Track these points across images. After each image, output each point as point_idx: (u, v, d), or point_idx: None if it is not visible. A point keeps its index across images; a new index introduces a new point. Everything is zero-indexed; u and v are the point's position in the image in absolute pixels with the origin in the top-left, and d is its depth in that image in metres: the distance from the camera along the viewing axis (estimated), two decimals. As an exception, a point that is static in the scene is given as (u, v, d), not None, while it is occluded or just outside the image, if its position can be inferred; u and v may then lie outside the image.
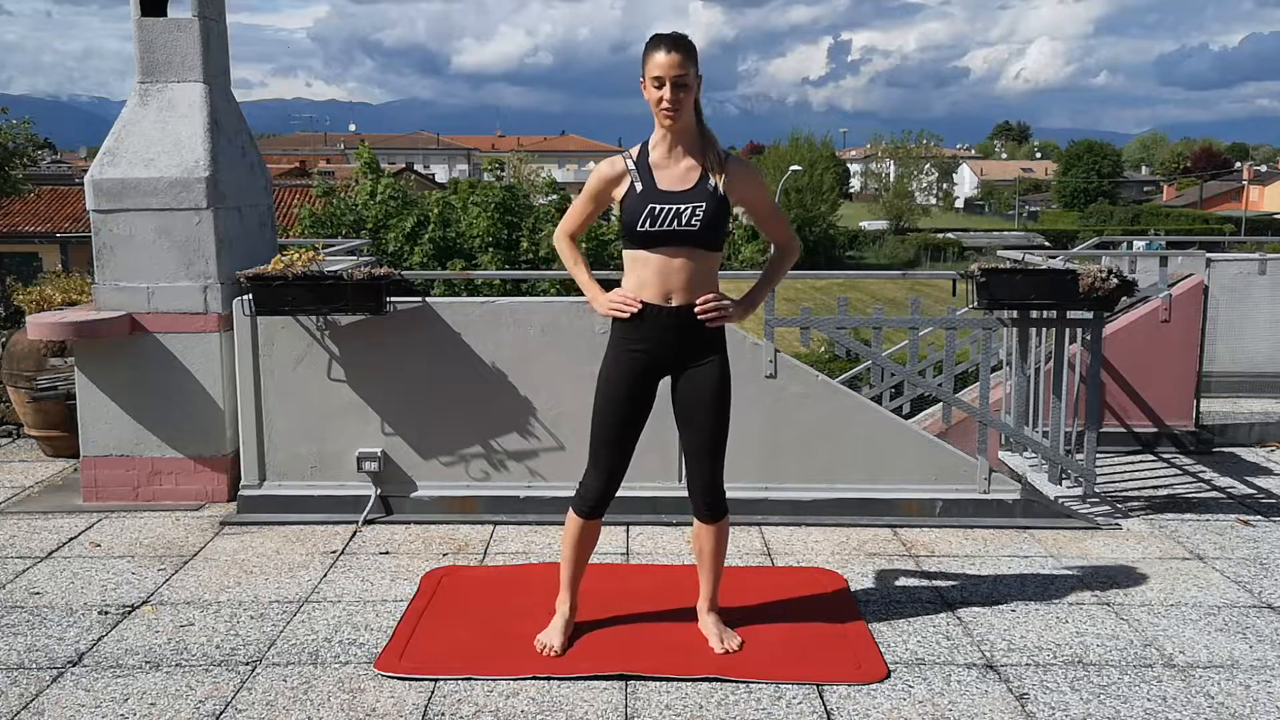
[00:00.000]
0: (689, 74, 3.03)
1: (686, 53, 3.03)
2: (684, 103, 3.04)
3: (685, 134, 3.11)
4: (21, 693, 3.02)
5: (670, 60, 3.00)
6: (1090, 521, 4.54)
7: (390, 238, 15.88)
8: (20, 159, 17.92)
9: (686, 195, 3.08)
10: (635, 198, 3.10)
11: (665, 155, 3.13)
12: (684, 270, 3.11)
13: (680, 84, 3.02)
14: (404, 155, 57.76)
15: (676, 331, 3.17)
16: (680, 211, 3.07)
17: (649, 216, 3.07)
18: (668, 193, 3.09)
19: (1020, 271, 4.62)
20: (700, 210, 3.07)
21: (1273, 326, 6.75)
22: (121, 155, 4.67)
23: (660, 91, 3.03)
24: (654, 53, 3.04)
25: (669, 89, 3.01)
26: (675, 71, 3.00)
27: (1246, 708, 2.96)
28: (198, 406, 4.71)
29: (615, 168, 3.17)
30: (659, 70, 3.02)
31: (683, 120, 3.07)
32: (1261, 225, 51.50)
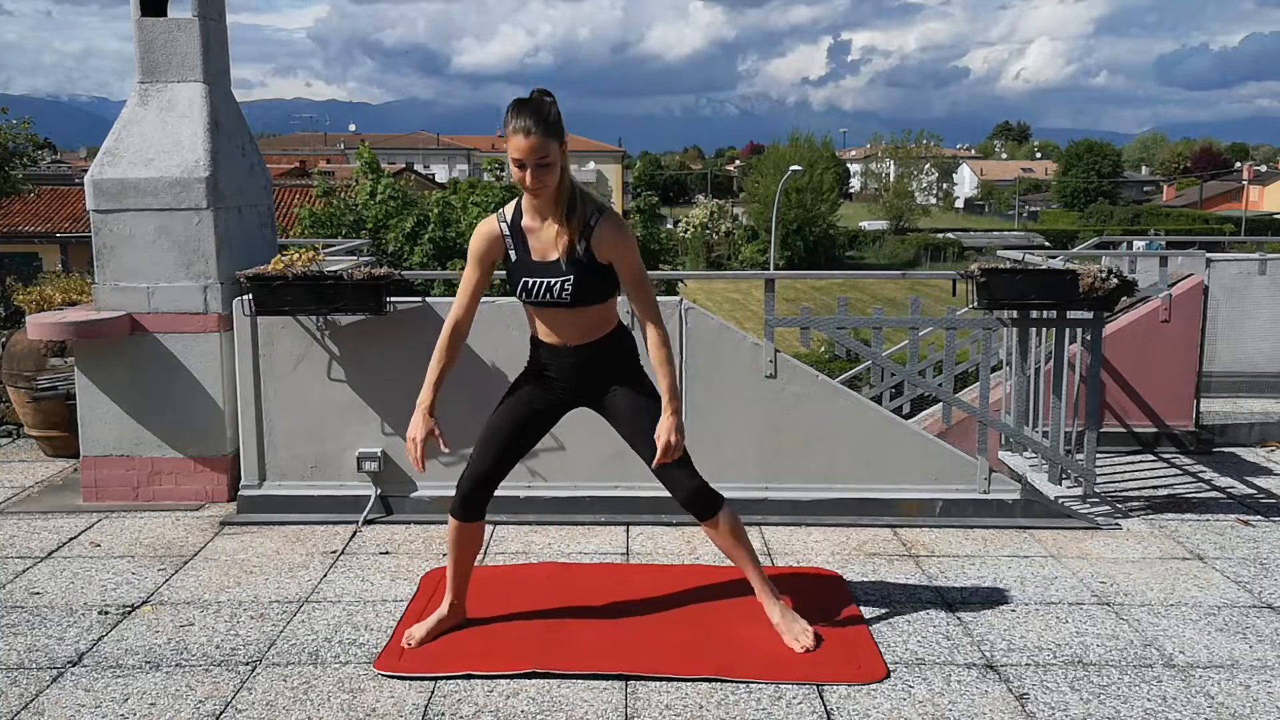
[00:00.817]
0: (550, 154, 2.99)
1: (545, 132, 2.96)
2: (547, 179, 3.02)
3: (553, 202, 3.10)
4: (21, 693, 3.02)
5: (529, 145, 2.96)
6: (1090, 521, 4.54)
7: (390, 238, 15.88)
8: (20, 159, 17.93)
9: (555, 268, 3.11)
10: (511, 266, 3.17)
11: (535, 222, 3.14)
12: (571, 323, 3.20)
13: (542, 165, 3.00)
14: (404, 155, 57.74)
15: (577, 368, 3.26)
16: (550, 285, 3.12)
17: (524, 290, 3.15)
18: (538, 265, 3.13)
19: (1020, 271, 4.62)
20: (569, 284, 3.10)
21: (1273, 326, 6.75)
22: (121, 155, 4.67)
23: (522, 173, 3.02)
24: (514, 135, 2.98)
25: (530, 172, 3.00)
26: (536, 157, 2.97)
27: (1246, 708, 2.96)
28: (198, 406, 4.72)
29: (491, 232, 3.16)
30: (519, 154, 2.99)
31: (548, 191, 3.06)
32: (1261, 225, 51.53)
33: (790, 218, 52.72)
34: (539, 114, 2.97)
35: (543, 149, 2.96)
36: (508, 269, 3.18)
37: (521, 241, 3.14)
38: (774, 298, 4.63)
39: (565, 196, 3.09)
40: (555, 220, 3.10)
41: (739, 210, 58.37)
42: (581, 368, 3.25)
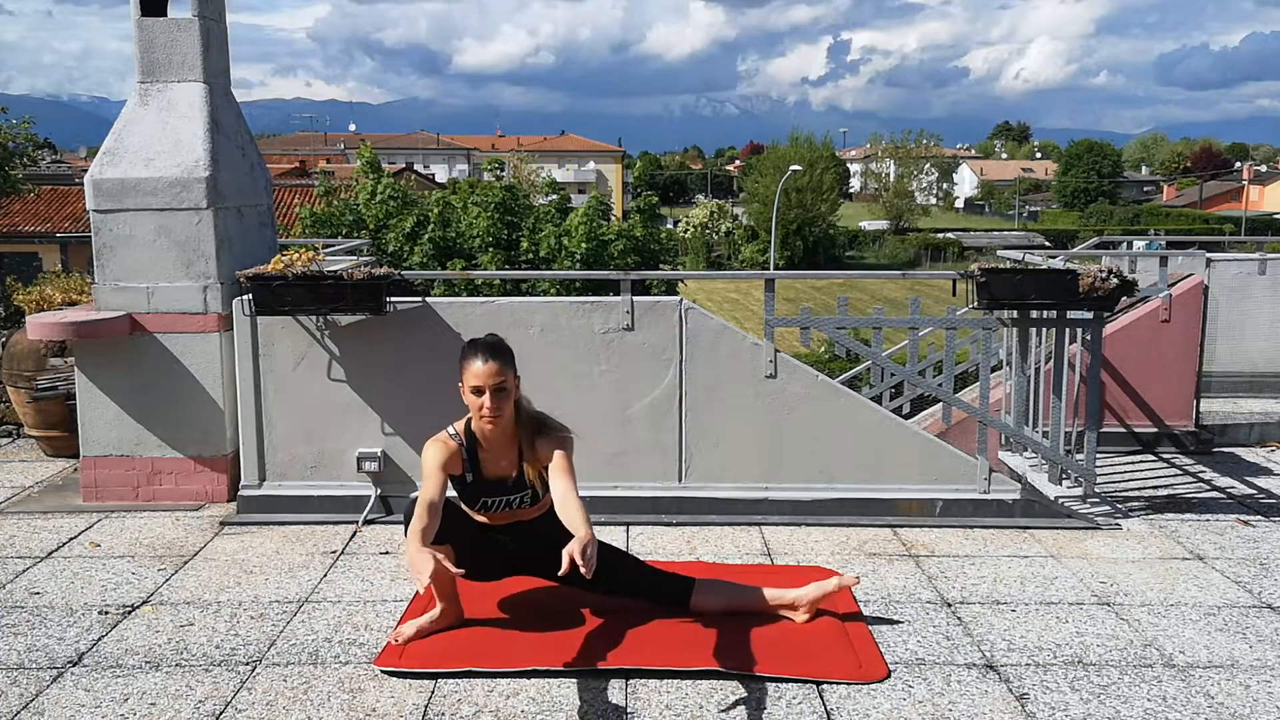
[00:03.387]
0: (507, 379, 3.17)
1: (503, 360, 3.17)
2: (504, 406, 3.18)
3: (507, 426, 3.26)
4: (21, 693, 3.02)
5: (488, 370, 3.14)
6: (1090, 521, 4.54)
7: (390, 238, 15.86)
8: (20, 159, 17.92)
9: (514, 485, 3.29)
10: (466, 486, 3.29)
11: (489, 445, 3.28)
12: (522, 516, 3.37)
13: (499, 389, 3.15)
14: (404, 155, 57.74)
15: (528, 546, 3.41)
16: (510, 500, 3.33)
17: (483, 507, 3.33)
18: (495, 483, 3.29)
19: (1020, 271, 4.62)
20: (527, 496, 3.33)
21: (1273, 326, 6.75)
22: (121, 155, 4.67)
23: (480, 399, 3.16)
24: (471, 362, 3.17)
25: (489, 396, 3.15)
26: (494, 380, 3.14)
27: (1246, 708, 2.96)
28: (198, 406, 4.72)
29: (448, 449, 3.25)
30: (477, 380, 3.15)
31: (504, 420, 3.21)
32: (1261, 225, 51.51)
33: (790, 218, 52.73)
34: (495, 346, 3.21)
35: (500, 374, 3.16)
36: (460, 488, 3.31)
37: (475, 463, 3.29)
38: (774, 298, 4.63)
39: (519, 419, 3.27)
40: (510, 443, 3.28)
41: (739, 210, 58.38)
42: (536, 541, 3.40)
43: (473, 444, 3.29)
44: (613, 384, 4.54)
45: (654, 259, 17.37)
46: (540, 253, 16.12)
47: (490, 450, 3.29)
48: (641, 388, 4.55)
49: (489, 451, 3.29)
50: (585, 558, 2.81)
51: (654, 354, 4.53)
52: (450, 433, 3.30)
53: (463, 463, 3.27)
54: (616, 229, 16.91)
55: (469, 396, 3.21)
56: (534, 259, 16.12)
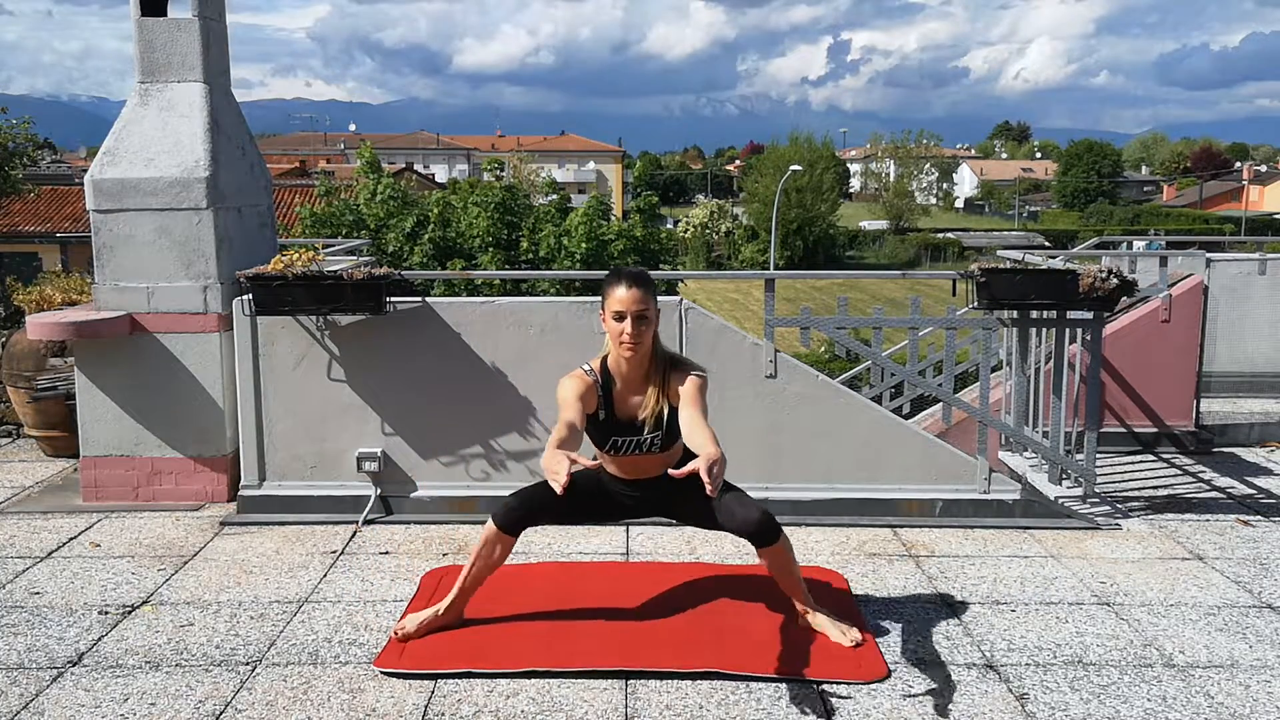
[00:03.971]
0: (649, 308, 3.16)
1: (646, 288, 3.16)
2: (644, 335, 3.16)
3: (643, 361, 3.23)
4: (21, 693, 3.02)
5: (631, 296, 3.13)
6: (1090, 521, 4.54)
7: (390, 238, 15.86)
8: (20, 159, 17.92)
9: (644, 426, 3.24)
10: (598, 425, 3.25)
11: (623, 383, 3.25)
12: (651, 463, 3.32)
13: (641, 317, 3.14)
14: (404, 155, 57.74)
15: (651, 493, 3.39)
16: (640, 441, 3.27)
17: (612, 446, 3.29)
18: (626, 424, 3.25)
19: (1020, 271, 4.62)
20: (658, 438, 3.26)
21: (1273, 326, 6.75)
22: (121, 155, 4.67)
23: (621, 325, 3.14)
24: (615, 288, 3.16)
25: (630, 322, 3.13)
26: (636, 306, 3.13)
27: (1246, 708, 2.96)
28: (198, 406, 4.72)
29: (584, 383, 3.21)
30: (620, 305, 3.14)
31: (642, 350, 3.18)
32: (1261, 225, 51.52)
33: (790, 218, 52.73)
34: (640, 275, 3.20)
35: (643, 301, 3.14)
36: (591, 426, 3.25)
37: (609, 402, 3.25)
38: (774, 298, 4.63)
39: (656, 355, 3.24)
40: (645, 379, 3.24)
41: (739, 210, 58.36)
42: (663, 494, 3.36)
43: (608, 382, 3.25)
44: (613, 384, 4.54)
45: (654, 259, 17.38)
46: (540, 253, 16.12)
47: (625, 388, 3.25)
48: (641, 388, 4.54)
49: (623, 390, 3.25)
50: (712, 475, 2.74)
51: (654, 354, 4.53)
52: (586, 369, 3.26)
53: (598, 399, 3.22)
54: (616, 229, 16.91)
55: (610, 323, 3.18)
56: (534, 259, 16.12)
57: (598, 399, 3.22)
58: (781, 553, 3.27)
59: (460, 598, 3.39)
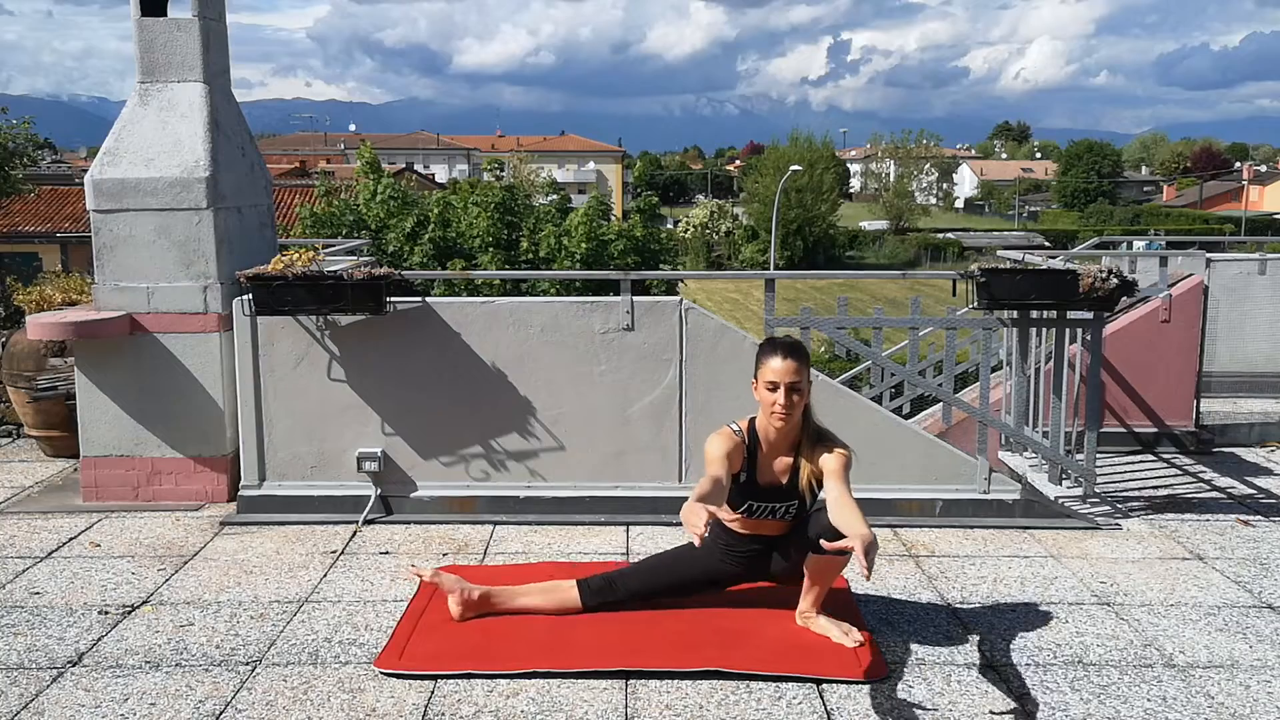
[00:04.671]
0: (803, 380, 3.20)
1: (801, 360, 3.20)
2: (796, 406, 3.20)
3: (792, 430, 3.27)
4: (21, 693, 3.02)
5: (787, 367, 3.17)
6: (1090, 521, 4.54)
7: (390, 238, 15.86)
8: (20, 159, 17.94)
9: (782, 493, 3.29)
10: (738, 486, 3.27)
11: (768, 449, 3.30)
12: (777, 526, 3.39)
13: (794, 389, 3.18)
14: (404, 155, 57.74)
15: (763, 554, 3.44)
16: (775, 509, 3.33)
17: (747, 510, 3.33)
18: (766, 490, 3.29)
19: (1020, 271, 4.62)
20: (793, 507, 3.33)
21: (1273, 326, 6.75)
22: (121, 155, 4.67)
23: (775, 395, 3.19)
24: (770, 358, 3.20)
25: (783, 393, 3.17)
26: (791, 378, 3.17)
27: (1246, 708, 2.96)
28: (198, 406, 4.71)
29: (733, 441, 3.26)
30: (775, 376, 3.18)
31: (794, 420, 3.23)
32: (1261, 225, 51.50)
33: (790, 218, 52.71)
34: (795, 346, 3.26)
35: (798, 373, 3.19)
36: (734, 485, 3.27)
37: (753, 466, 3.29)
38: (774, 298, 4.63)
39: (805, 425, 3.28)
40: (791, 448, 3.29)
41: (739, 210, 58.34)
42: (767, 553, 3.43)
43: (754, 443, 3.29)
44: (613, 384, 4.55)
45: (654, 259, 17.38)
46: (540, 253, 16.12)
47: (769, 453, 3.30)
48: (641, 388, 4.55)
49: (768, 455, 3.30)
50: (869, 558, 2.80)
51: (654, 354, 4.53)
52: (735, 428, 3.30)
53: (743, 459, 3.26)
54: (616, 229, 16.92)
55: (763, 392, 3.22)
56: (534, 259, 16.12)
57: (743, 459, 3.27)
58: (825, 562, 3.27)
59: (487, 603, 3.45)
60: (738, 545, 3.43)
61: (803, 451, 3.28)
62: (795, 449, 3.30)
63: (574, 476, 4.61)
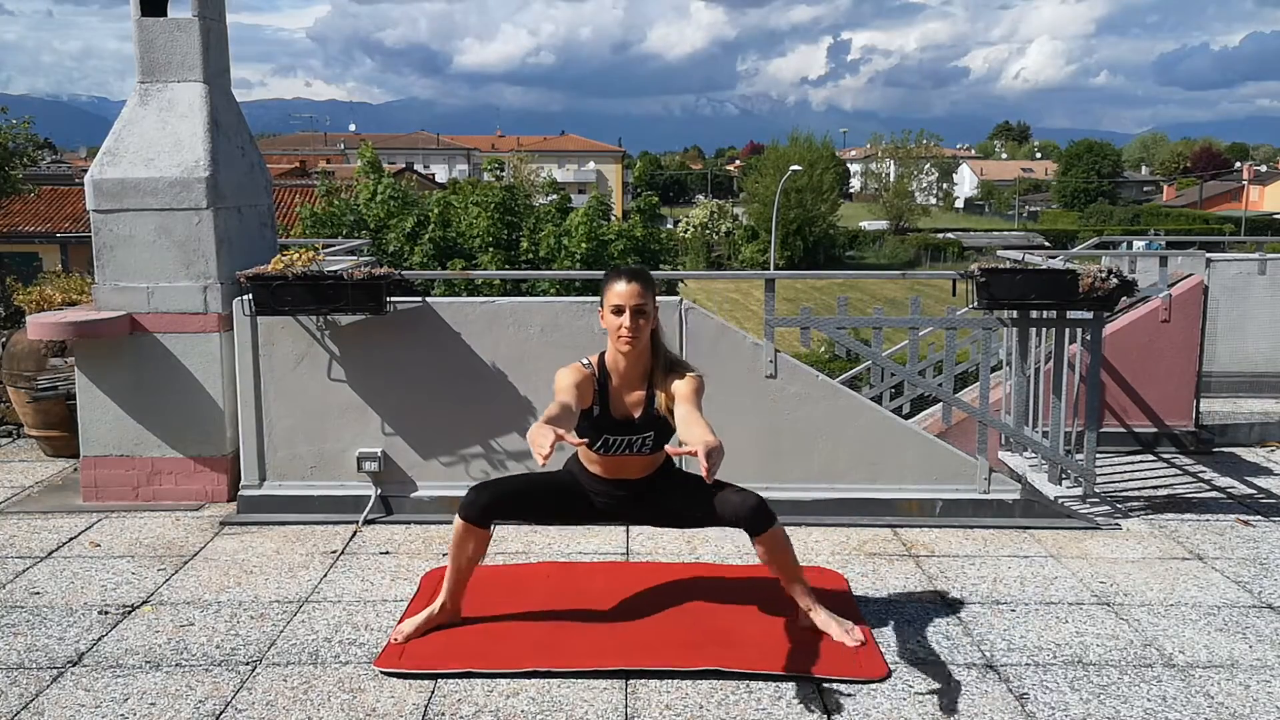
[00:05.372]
0: (647, 303, 3.18)
1: (645, 284, 3.19)
2: (642, 330, 3.18)
3: (641, 358, 3.24)
4: (21, 693, 3.02)
5: (630, 290, 3.15)
6: (1090, 521, 4.54)
7: (390, 238, 15.86)
8: (20, 159, 17.93)
9: (637, 425, 3.25)
10: (592, 420, 3.24)
11: (619, 380, 3.26)
12: (639, 464, 3.32)
13: (639, 311, 3.16)
14: (404, 155, 57.74)
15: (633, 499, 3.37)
16: (632, 441, 3.26)
17: (603, 444, 3.27)
18: (620, 423, 3.25)
19: (1020, 271, 4.62)
20: (649, 439, 3.27)
21: (1273, 326, 6.75)
22: (121, 155, 4.67)
23: (619, 319, 3.16)
24: (614, 283, 3.18)
25: (628, 316, 3.15)
26: (635, 300, 3.15)
27: (1246, 708, 2.96)
28: (198, 406, 4.72)
29: (582, 373, 3.22)
30: (618, 299, 3.16)
31: (639, 346, 3.20)
32: (1261, 225, 51.51)
33: (790, 218, 52.71)
34: (639, 271, 3.25)
35: (641, 296, 3.16)
36: (584, 421, 3.24)
37: (605, 399, 3.26)
38: (774, 298, 4.63)
39: (655, 352, 3.26)
40: (641, 376, 3.26)
41: (739, 210, 58.35)
42: (637, 498, 3.37)
43: (605, 378, 3.26)
44: (613, 384, 4.54)
45: (654, 259, 17.38)
46: (540, 253, 16.12)
47: (620, 385, 3.25)
48: (641, 388, 4.54)
49: (619, 386, 3.26)
50: (710, 459, 2.74)
51: (654, 354, 4.53)
52: (584, 362, 3.27)
53: (594, 393, 3.23)
54: (616, 229, 16.91)
55: (609, 318, 3.19)
56: (534, 259, 16.12)
57: (594, 393, 3.23)
58: (776, 542, 3.24)
59: (451, 598, 3.39)
60: (602, 491, 3.38)
61: (655, 381, 3.25)
62: (648, 380, 3.26)
63: (574, 476, 4.60)
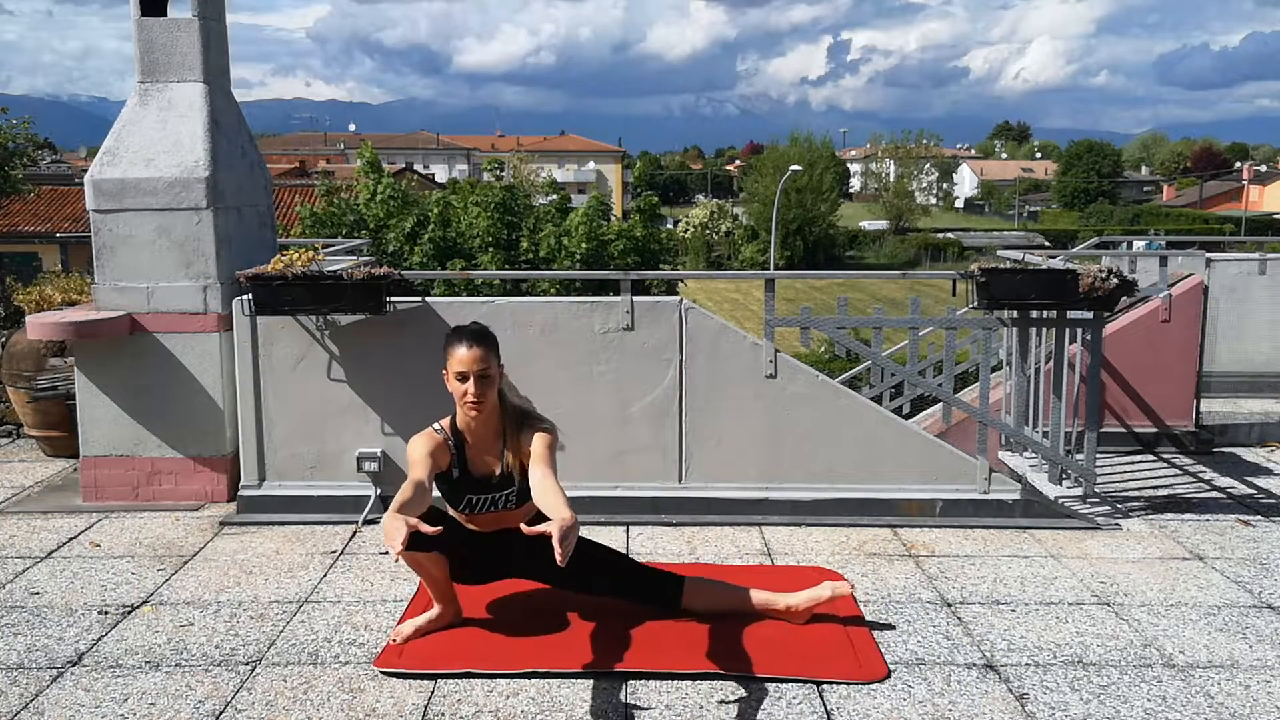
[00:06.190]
0: (491, 366, 3.18)
1: (486, 346, 3.18)
2: (487, 394, 3.18)
3: (491, 418, 3.25)
4: (21, 693, 3.02)
5: (472, 355, 3.15)
6: (1090, 521, 4.54)
7: (390, 238, 15.87)
8: (20, 159, 17.94)
9: (498, 483, 3.27)
10: (452, 483, 3.26)
11: (474, 440, 3.27)
12: (507, 519, 3.33)
13: (483, 377, 3.16)
14: (404, 155, 57.76)
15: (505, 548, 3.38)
16: (495, 499, 3.28)
17: (467, 505, 3.30)
18: (480, 481, 3.27)
19: (1020, 271, 4.62)
20: (512, 494, 3.30)
21: (1273, 326, 6.75)
22: (121, 155, 4.67)
23: (465, 385, 3.16)
24: (456, 348, 3.17)
25: (473, 382, 3.15)
26: (478, 366, 3.15)
27: (1246, 708, 2.96)
28: (198, 406, 4.71)
29: (435, 441, 3.22)
30: (461, 366, 3.16)
31: (487, 409, 3.21)
32: (1261, 225, 51.52)
33: (790, 218, 52.72)
34: (480, 332, 3.21)
35: (484, 360, 3.16)
36: (446, 486, 3.28)
37: (463, 460, 3.27)
38: (774, 298, 4.62)
39: (504, 412, 3.27)
40: (494, 435, 3.27)
41: (739, 210, 58.35)
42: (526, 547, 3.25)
43: (459, 440, 3.27)
44: (613, 384, 4.54)
45: (654, 259, 17.39)
46: (540, 253, 16.13)
47: (476, 446, 3.28)
48: (641, 388, 4.55)
49: (474, 448, 3.28)
50: (563, 542, 2.69)
51: (654, 354, 4.53)
52: (436, 428, 3.28)
53: (450, 457, 3.24)
54: (616, 229, 16.92)
55: (453, 383, 3.20)
56: (534, 259, 16.13)
57: (450, 456, 3.24)
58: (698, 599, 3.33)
59: (445, 604, 3.39)
60: (484, 547, 3.38)
61: (508, 438, 3.26)
62: (501, 437, 3.27)
63: (574, 476, 4.59)
